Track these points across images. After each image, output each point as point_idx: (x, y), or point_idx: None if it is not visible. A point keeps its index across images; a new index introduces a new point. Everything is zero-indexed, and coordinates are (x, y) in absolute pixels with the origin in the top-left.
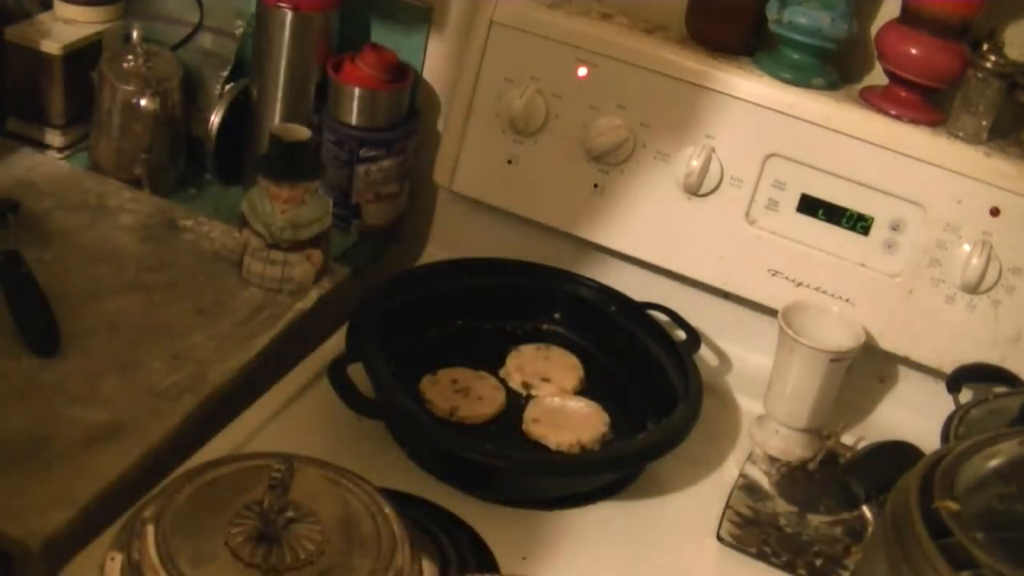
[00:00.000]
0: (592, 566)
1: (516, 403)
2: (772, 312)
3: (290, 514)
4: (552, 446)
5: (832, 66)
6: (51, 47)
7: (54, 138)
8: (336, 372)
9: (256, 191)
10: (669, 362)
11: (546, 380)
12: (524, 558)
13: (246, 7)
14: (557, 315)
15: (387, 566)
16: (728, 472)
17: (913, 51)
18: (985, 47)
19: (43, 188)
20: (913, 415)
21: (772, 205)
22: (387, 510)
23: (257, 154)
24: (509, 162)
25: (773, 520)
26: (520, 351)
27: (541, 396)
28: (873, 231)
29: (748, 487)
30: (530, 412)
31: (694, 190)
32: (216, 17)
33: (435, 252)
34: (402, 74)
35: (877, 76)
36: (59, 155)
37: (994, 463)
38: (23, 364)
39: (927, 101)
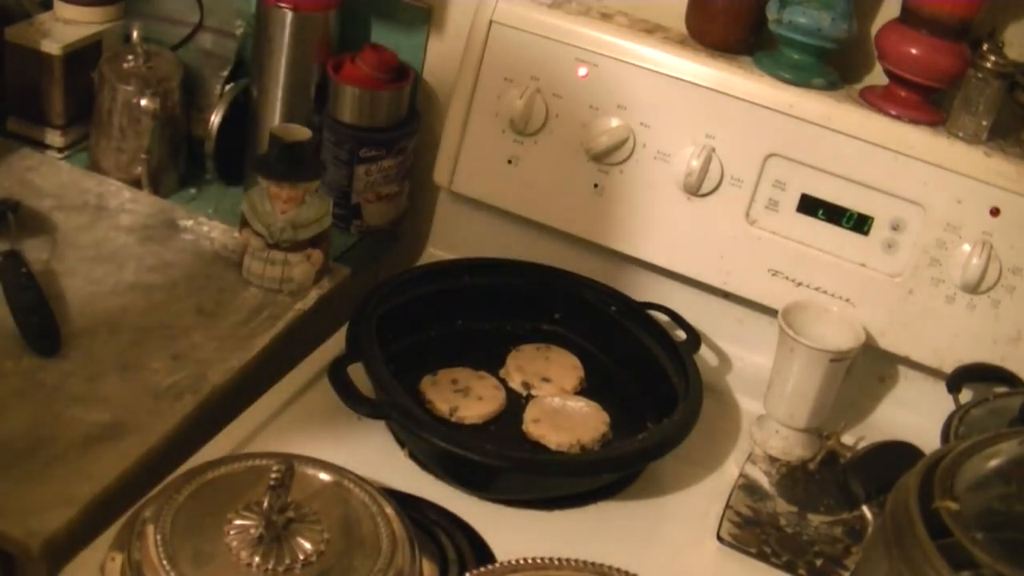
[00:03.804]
0: None
1: (516, 403)
2: (772, 312)
3: (290, 514)
4: (552, 446)
5: (832, 66)
6: (51, 47)
7: (54, 138)
8: (336, 372)
9: (256, 191)
10: (669, 362)
11: (546, 380)
12: None
13: (246, 7)
14: (557, 315)
15: (387, 566)
16: (728, 472)
17: (913, 51)
18: (985, 47)
19: (43, 188)
20: (913, 415)
21: (772, 205)
22: (388, 510)
23: (257, 154)
24: (509, 162)
25: (773, 520)
26: (520, 351)
27: (541, 396)
28: (873, 231)
29: (748, 487)
30: (530, 412)
31: (694, 190)
32: (216, 17)
33: (435, 252)
34: (402, 74)
35: (877, 76)
36: (59, 155)
37: (994, 463)
38: (23, 364)
39: (927, 101)
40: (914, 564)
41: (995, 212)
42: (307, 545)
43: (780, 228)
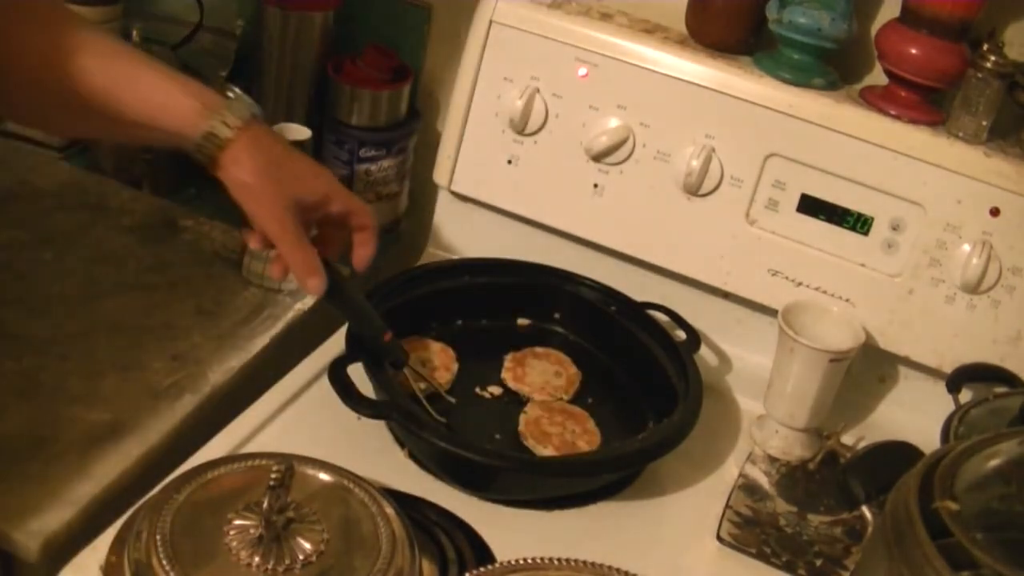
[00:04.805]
0: None
1: (516, 404)
2: (772, 312)
3: (290, 514)
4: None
5: (832, 66)
6: None
7: (54, 138)
8: (336, 372)
9: None
10: (669, 362)
11: (543, 383)
12: None
13: (246, 7)
14: (557, 315)
15: (387, 566)
16: (728, 472)
17: (913, 51)
18: (985, 47)
19: (43, 188)
20: (913, 415)
21: (772, 205)
22: (387, 510)
23: None
24: (509, 162)
25: (773, 520)
26: (518, 353)
27: (531, 409)
28: (873, 231)
29: (748, 487)
30: (523, 419)
31: (694, 190)
32: (216, 17)
33: (435, 252)
34: (402, 74)
35: (877, 76)
36: (59, 155)
37: (994, 463)
38: (23, 364)
39: (927, 101)
40: (914, 564)
41: (995, 212)
42: (307, 545)
43: (780, 228)
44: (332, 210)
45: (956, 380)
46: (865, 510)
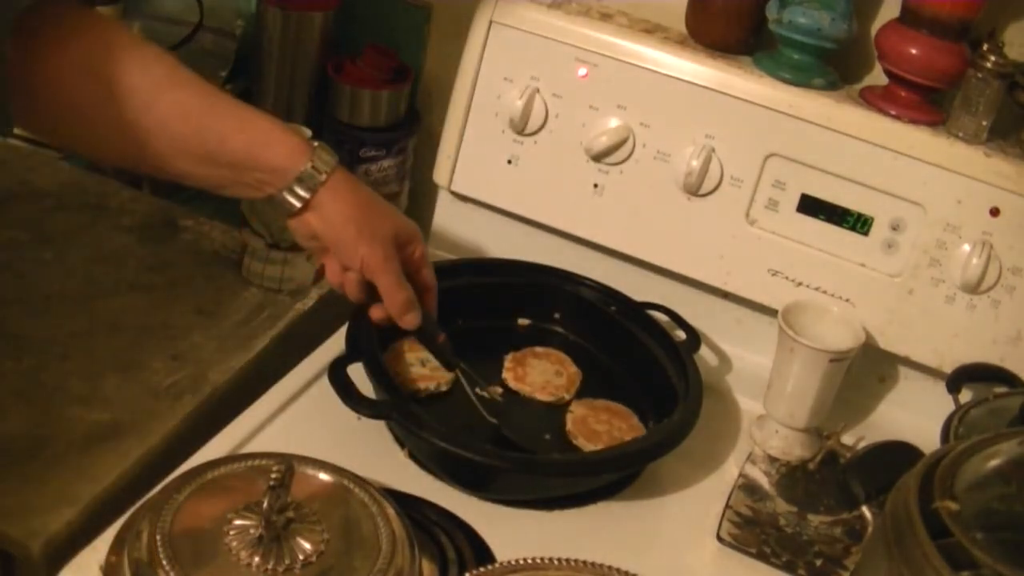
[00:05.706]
0: None
1: (517, 403)
2: (772, 312)
3: (290, 514)
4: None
5: (832, 66)
6: None
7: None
8: (336, 372)
9: None
10: (669, 362)
11: (543, 383)
12: None
13: (246, 7)
14: (557, 315)
15: (387, 566)
16: (728, 472)
17: (913, 51)
18: (985, 47)
19: (43, 188)
20: (913, 415)
21: (772, 205)
22: (388, 510)
23: None
24: (509, 162)
25: (773, 520)
26: (518, 353)
27: (576, 408)
28: (873, 231)
29: (748, 487)
30: (570, 425)
31: (694, 190)
32: (216, 17)
33: (435, 252)
34: (402, 74)
35: (877, 76)
36: (59, 155)
37: (994, 463)
38: (23, 364)
39: (927, 101)
40: (914, 564)
41: (995, 212)
42: (307, 545)
43: (780, 228)
44: (416, 253)
45: (956, 380)
46: (865, 510)
